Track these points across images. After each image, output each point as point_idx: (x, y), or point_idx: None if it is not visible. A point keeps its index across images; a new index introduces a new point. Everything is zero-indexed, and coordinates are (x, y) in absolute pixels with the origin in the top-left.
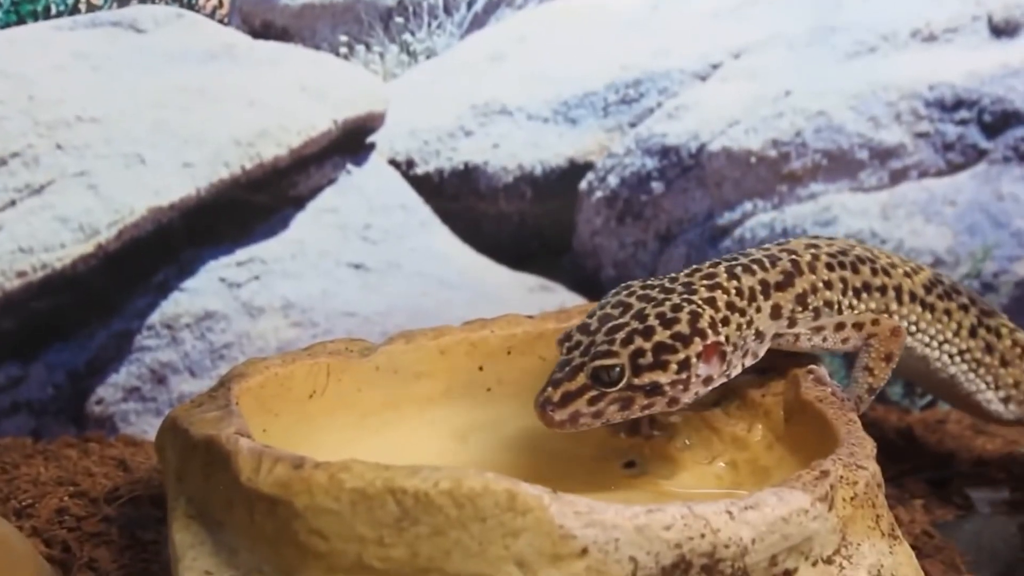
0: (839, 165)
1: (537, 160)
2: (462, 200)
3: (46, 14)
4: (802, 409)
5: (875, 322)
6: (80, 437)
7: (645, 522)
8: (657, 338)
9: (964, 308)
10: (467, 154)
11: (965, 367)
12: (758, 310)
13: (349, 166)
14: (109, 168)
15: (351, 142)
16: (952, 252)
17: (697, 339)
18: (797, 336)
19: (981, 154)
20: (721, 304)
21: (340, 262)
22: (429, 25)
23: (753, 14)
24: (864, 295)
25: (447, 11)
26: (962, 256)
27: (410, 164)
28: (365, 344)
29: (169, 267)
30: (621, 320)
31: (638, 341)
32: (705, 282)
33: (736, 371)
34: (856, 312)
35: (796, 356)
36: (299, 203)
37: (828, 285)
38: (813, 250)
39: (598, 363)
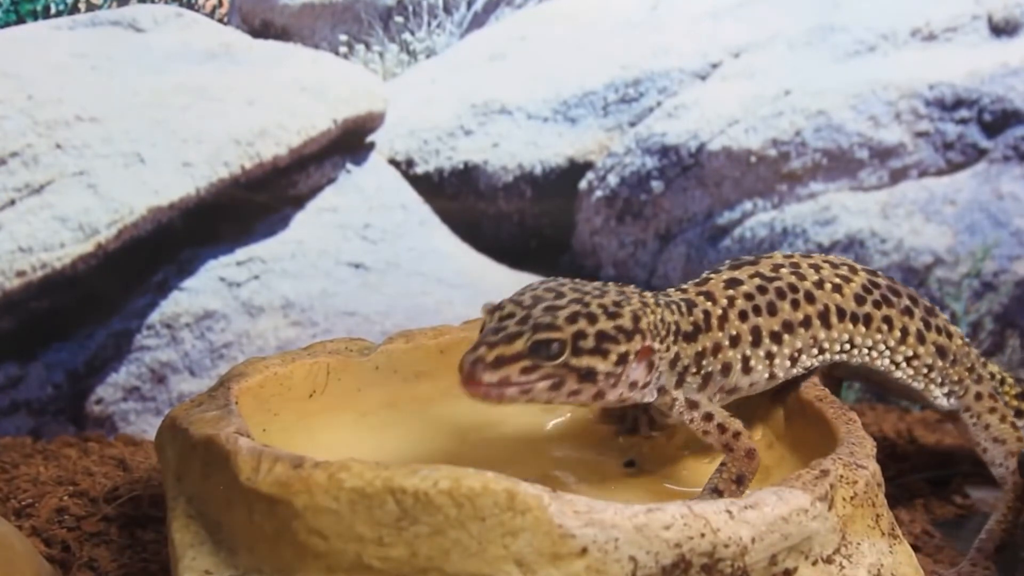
0: (839, 164)
1: (537, 159)
2: (461, 199)
3: (46, 14)
4: (802, 408)
5: (736, 436)
6: (80, 437)
7: (645, 521)
8: (600, 326)
9: (907, 312)
10: (467, 153)
11: (912, 371)
12: (667, 349)
13: (349, 165)
14: (108, 168)
15: (351, 141)
16: (952, 251)
17: (637, 337)
18: (673, 401)
19: (981, 153)
20: (653, 319)
21: (340, 261)
22: (429, 24)
23: (753, 14)
24: (786, 337)
25: (447, 10)
26: (962, 255)
27: (410, 163)
28: (365, 343)
29: (169, 267)
30: (559, 302)
31: (582, 323)
32: (637, 298)
33: (650, 397)
34: (729, 414)
35: None
36: (299, 202)
37: (735, 341)
38: (731, 292)
39: (541, 335)
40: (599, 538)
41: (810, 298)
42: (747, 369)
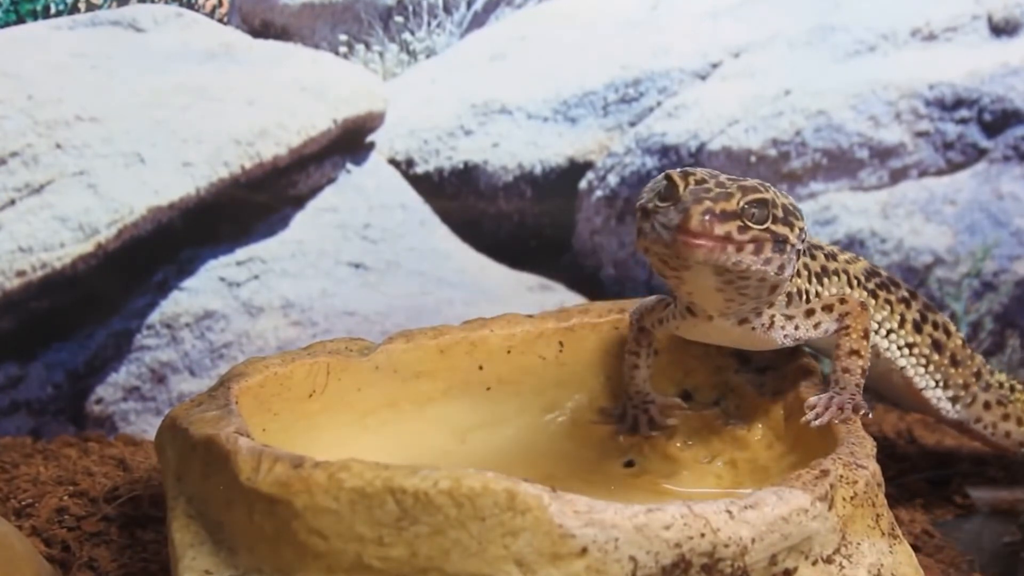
0: (839, 164)
1: (537, 159)
2: (462, 199)
3: (46, 13)
4: (801, 408)
5: (843, 300)
6: (80, 437)
7: (645, 521)
8: (782, 200)
9: (905, 302)
10: (467, 153)
11: (914, 360)
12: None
13: (349, 165)
14: (108, 167)
15: (351, 141)
16: (952, 251)
17: (802, 219)
18: (772, 319)
19: (981, 153)
20: None
21: (339, 261)
22: (429, 24)
23: (753, 14)
24: (825, 280)
25: (447, 10)
26: (962, 255)
27: (410, 163)
28: (365, 343)
29: (169, 266)
30: (739, 178)
31: (771, 194)
32: None
33: (781, 301)
34: (820, 297)
35: (795, 355)
36: (299, 202)
37: (797, 272)
38: None
39: (752, 195)
40: (599, 538)
41: (834, 257)
42: (808, 300)
